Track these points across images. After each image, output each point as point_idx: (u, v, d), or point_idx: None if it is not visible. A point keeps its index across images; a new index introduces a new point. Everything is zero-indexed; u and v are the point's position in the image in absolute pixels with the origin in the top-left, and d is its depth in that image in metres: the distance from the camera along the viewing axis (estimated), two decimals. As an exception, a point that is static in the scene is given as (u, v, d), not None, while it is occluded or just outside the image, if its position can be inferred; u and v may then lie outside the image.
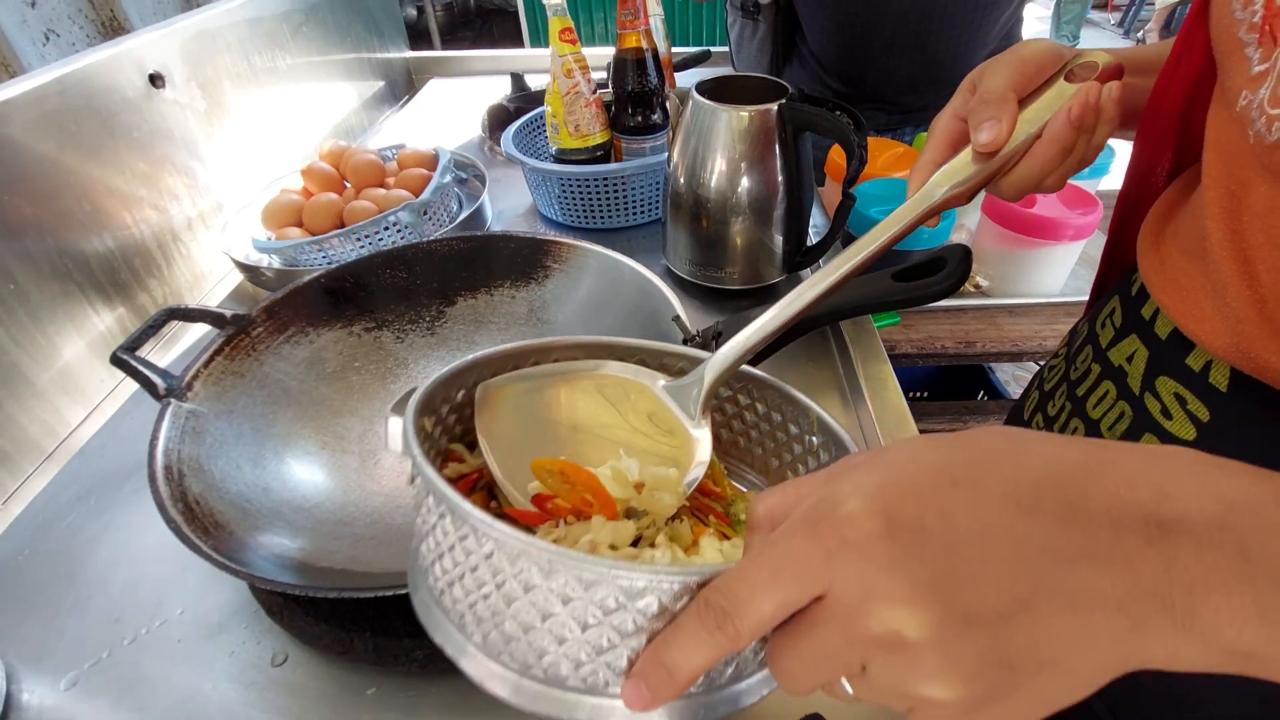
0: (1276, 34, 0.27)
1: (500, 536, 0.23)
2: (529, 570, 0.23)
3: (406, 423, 0.29)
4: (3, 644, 0.44)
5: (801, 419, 0.36)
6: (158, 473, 0.39)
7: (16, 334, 0.58)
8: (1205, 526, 0.18)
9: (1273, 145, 0.28)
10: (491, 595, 0.24)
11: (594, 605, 0.23)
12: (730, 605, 0.21)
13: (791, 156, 0.65)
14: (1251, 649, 0.18)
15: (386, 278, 0.58)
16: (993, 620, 0.19)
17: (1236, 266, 0.31)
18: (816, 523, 0.21)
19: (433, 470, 0.26)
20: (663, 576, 0.22)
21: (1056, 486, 0.19)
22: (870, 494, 0.20)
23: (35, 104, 0.60)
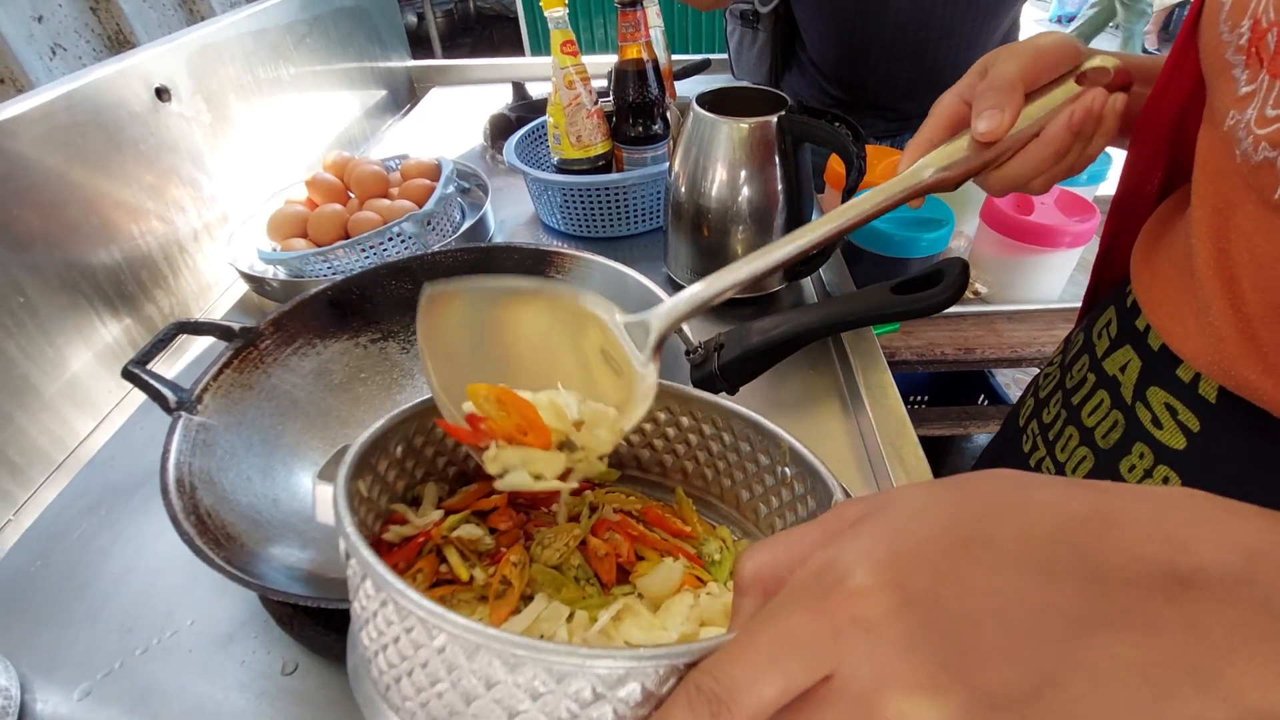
0: (1263, 56, 0.28)
1: (453, 630, 0.20)
2: (490, 664, 0.20)
3: (338, 491, 0.26)
4: (16, 654, 0.44)
5: (772, 448, 0.34)
6: (170, 486, 0.40)
7: (26, 346, 0.59)
8: (1224, 580, 0.18)
9: (1258, 165, 0.29)
10: (446, 693, 0.21)
11: (568, 699, 0.20)
12: (725, 692, 0.19)
13: (791, 167, 0.66)
14: (1276, 709, 0.17)
15: (392, 289, 0.59)
16: (1019, 702, 0.17)
17: (1221, 285, 0.32)
18: (822, 596, 0.19)
19: (370, 553, 0.22)
20: (646, 662, 0.20)
21: (1071, 543, 0.18)
22: (879, 563, 0.19)
23: (44, 119, 0.61)
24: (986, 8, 0.90)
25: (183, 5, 0.96)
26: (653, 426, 0.38)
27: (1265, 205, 0.29)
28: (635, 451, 0.39)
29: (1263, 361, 0.31)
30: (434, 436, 0.34)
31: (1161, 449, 0.38)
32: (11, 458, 0.58)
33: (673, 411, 0.37)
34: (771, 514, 0.35)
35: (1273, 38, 0.27)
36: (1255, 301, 0.30)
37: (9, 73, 0.72)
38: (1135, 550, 0.18)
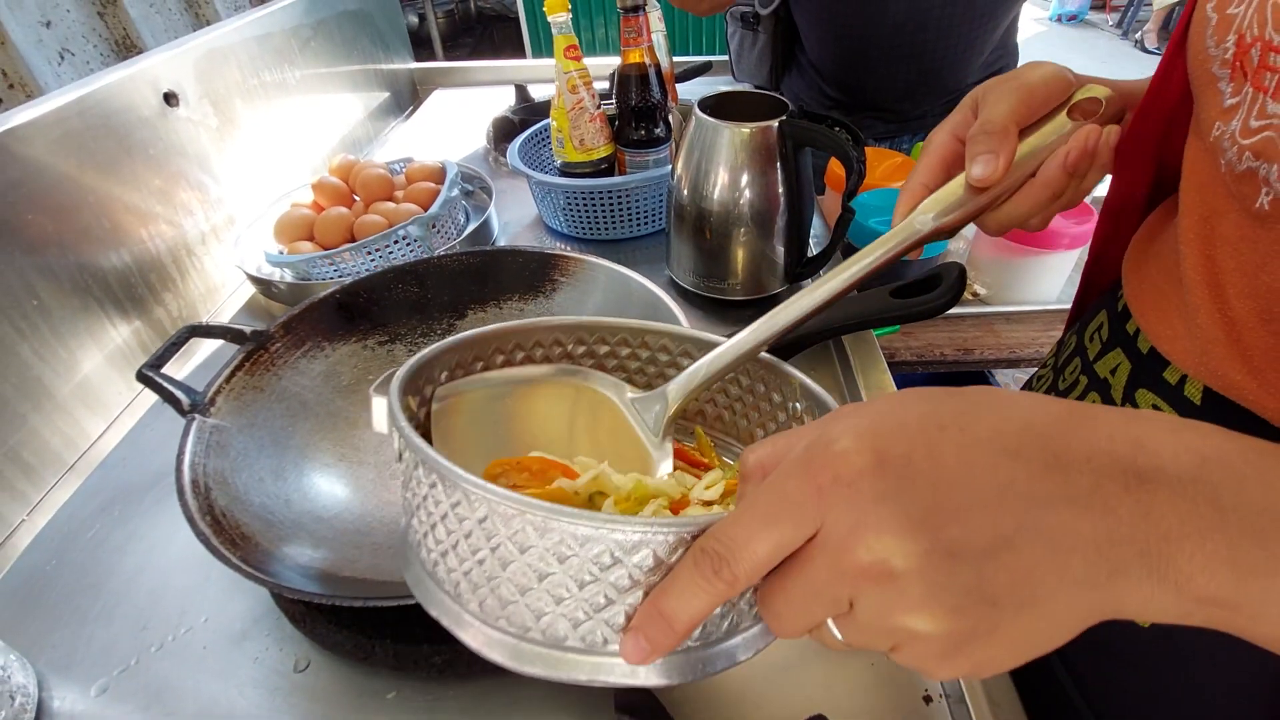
0: (1247, 69, 0.29)
1: (494, 498, 0.23)
2: (524, 530, 0.23)
3: (391, 398, 0.29)
4: (34, 651, 0.45)
5: (784, 386, 0.36)
6: (186, 487, 0.41)
7: (39, 348, 0.60)
8: (1180, 478, 0.19)
9: (1242, 174, 0.30)
10: (486, 560, 0.24)
11: (590, 562, 0.23)
12: (726, 550, 0.21)
13: (792, 171, 0.67)
14: (1222, 596, 0.19)
15: (399, 292, 0.60)
16: (977, 555, 0.19)
17: (1208, 291, 0.33)
18: (809, 462, 0.21)
19: (420, 439, 0.25)
20: (657, 529, 0.22)
21: (1040, 435, 0.20)
22: (860, 434, 0.21)
23: (56, 125, 0.62)
24: (984, 9, 0.91)
25: (188, 10, 0.97)
26: (675, 370, 0.40)
27: (1248, 214, 0.30)
28: None
29: (1247, 363, 0.31)
30: (472, 370, 0.36)
31: None
32: (26, 459, 0.59)
33: (692, 355, 0.39)
34: None
35: (1256, 52, 0.28)
36: (1240, 307, 0.31)
37: (18, 78, 0.73)
38: (1099, 445, 0.20)
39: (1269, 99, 0.28)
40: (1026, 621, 0.20)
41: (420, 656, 0.41)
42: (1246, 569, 0.18)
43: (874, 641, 0.22)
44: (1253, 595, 0.18)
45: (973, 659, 0.20)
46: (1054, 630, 0.20)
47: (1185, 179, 0.35)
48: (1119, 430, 0.20)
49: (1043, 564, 0.19)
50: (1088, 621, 0.20)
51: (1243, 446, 0.20)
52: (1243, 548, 0.18)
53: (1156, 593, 0.19)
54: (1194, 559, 0.19)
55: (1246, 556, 0.18)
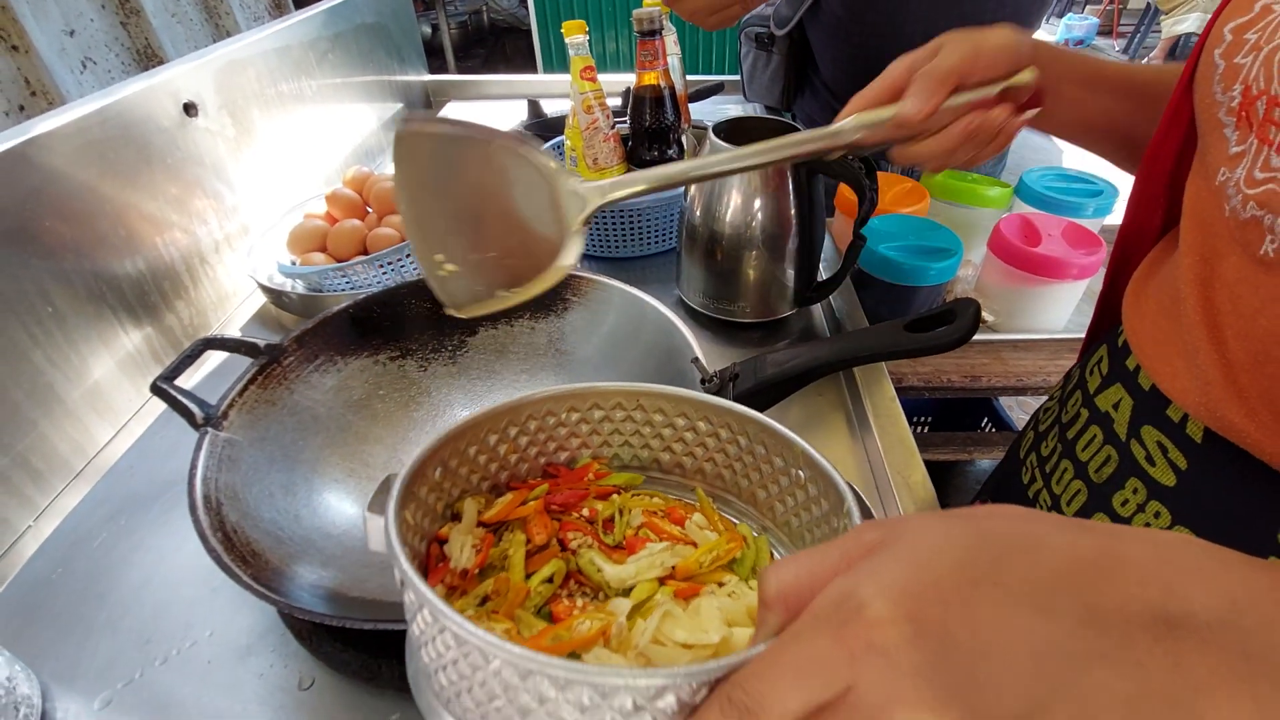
0: (1253, 121, 0.29)
1: (507, 656, 0.23)
2: (542, 684, 0.23)
3: (389, 525, 0.28)
4: (38, 662, 0.45)
5: (786, 452, 0.36)
6: (198, 503, 0.41)
7: (52, 354, 0.60)
8: (1210, 625, 0.19)
9: (1246, 221, 0.30)
10: (504, 707, 0.24)
11: (613, 710, 0.23)
12: (754, 703, 0.21)
13: (804, 196, 0.67)
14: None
15: (412, 307, 0.60)
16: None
17: (1207, 331, 0.33)
18: (841, 625, 0.21)
19: (425, 586, 0.25)
20: (682, 677, 0.22)
21: (1073, 585, 0.20)
22: (895, 597, 0.21)
23: (78, 134, 0.63)
24: (997, 40, 0.92)
25: (209, 20, 0.98)
26: (672, 431, 0.40)
27: (1251, 259, 0.30)
28: (656, 455, 0.41)
29: (1245, 405, 0.32)
30: (466, 456, 0.36)
31: (1154, 485, 0.39)
32: (35, 464, 0.59)
33: (689, 417, 0.39)
34: (788, 512, 0.37)
35: (1262, 105, 0.29)
36: (1238, 349, 0.32)
37: (41, 86, 0.74)
38: (1130, 593, 0.20)
39: (1273, 152, 0.28)
40: None
41: (426, 678, 0.41)
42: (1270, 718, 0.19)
43: None
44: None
45: None
46: None
47: (1187, 217, 0.36)
48: (1150, 573, 0.20)
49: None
50: None
51: (1272, 584, 0.20)
52: (1269, 699, 0.19)
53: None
54: (1222, 710, 0.19)
55: (1273, 708, 0.19)
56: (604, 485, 0.39)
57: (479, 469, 0.37)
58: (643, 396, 0.39)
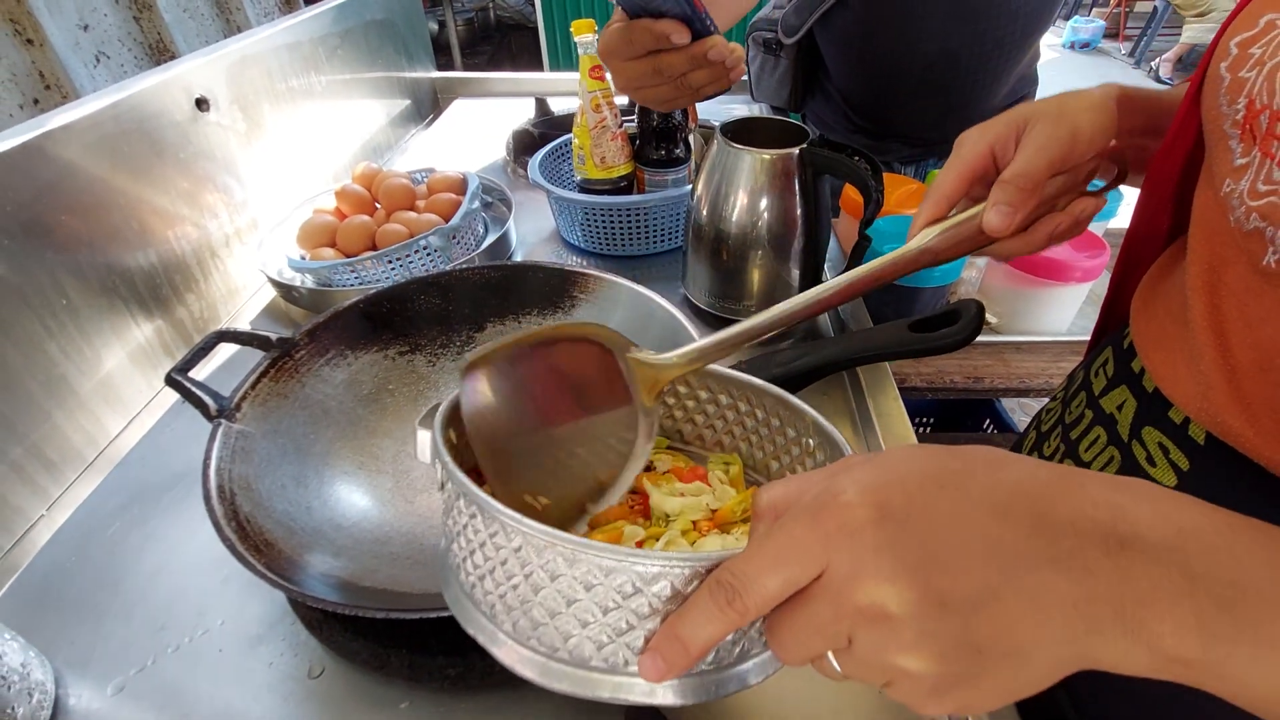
0: (1256, 134, 0.30)
1: (528, 531, 0.26)
2: (554, 560, 0.25)
3: (435, 434, 0.31)
4: (51, 649, 0.46)
5: (798, 422, 0.38)
6: (212, 493, 0.42)
7: (66, 346, 0.61)
8: (1157, 546, 0.21)
9: (1249, 232, 0.31)
10: (520, 585, 0.27)
11: (614, 590, 0.25)
12: (740, 584, 0.23)
13: (810, 196, 0.68)
14: (1189, 657, 0.20)
15: (421, 303, 0.61)
16: (965, 606, 0.21)
17: (1213, 337, 0.34)
18: (817, 511, 0.23)
19: (462, 474, 0.28)
20: (675, 563, 0.25)
21: (1029, 498, 0.22)
22: (865, 488, 0.23)
23: (92, 128, 0.63)
24: (1011, 47, 0.93)
25: (220, 15, 0.98)
26: (695, 403, 0.42)
27: (1254, 269, 0.31)
28: (679, 426, 0.43)
29: (1246, 411, 0.32)
30: None
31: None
32: (48, 455, 0.59)
33: (712, 390, 0.41)
34: None
35: (1265, 119, 0.29)
36: (1242, 357, 0.32)
37: (55, 80, 0.74)
38: (1083, 511, 0.22)
39: (1275, 166, 0.29)
40: (1008, 669, 0.21)
41: (434, 668, 0.42)
42: (1212, 634, 0.20)
43: (869, 676, 0.23)
44: (1218, 657, 0.20)
45: (958, 699, 0.22)
46: (1034, 677, 0.22)
47: (1194, 225, 0.36)
48: (1103, 497, 0.22)
49: (1025, 618, 0.21)
50: (1066, 671, 0.21)
51: (1217, 521, 0.22)
52: (1210, 615, 0.20)
53: (1130, 649, 0.21)
54: (1165, 621, 0.20)
55: (1213, 623, 0.20)
56: None
57: None
58: None
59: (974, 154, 0.39)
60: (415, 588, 0.43)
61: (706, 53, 0.53)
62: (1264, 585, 0.20)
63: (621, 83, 0.59)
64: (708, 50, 0.53)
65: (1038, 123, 0.38)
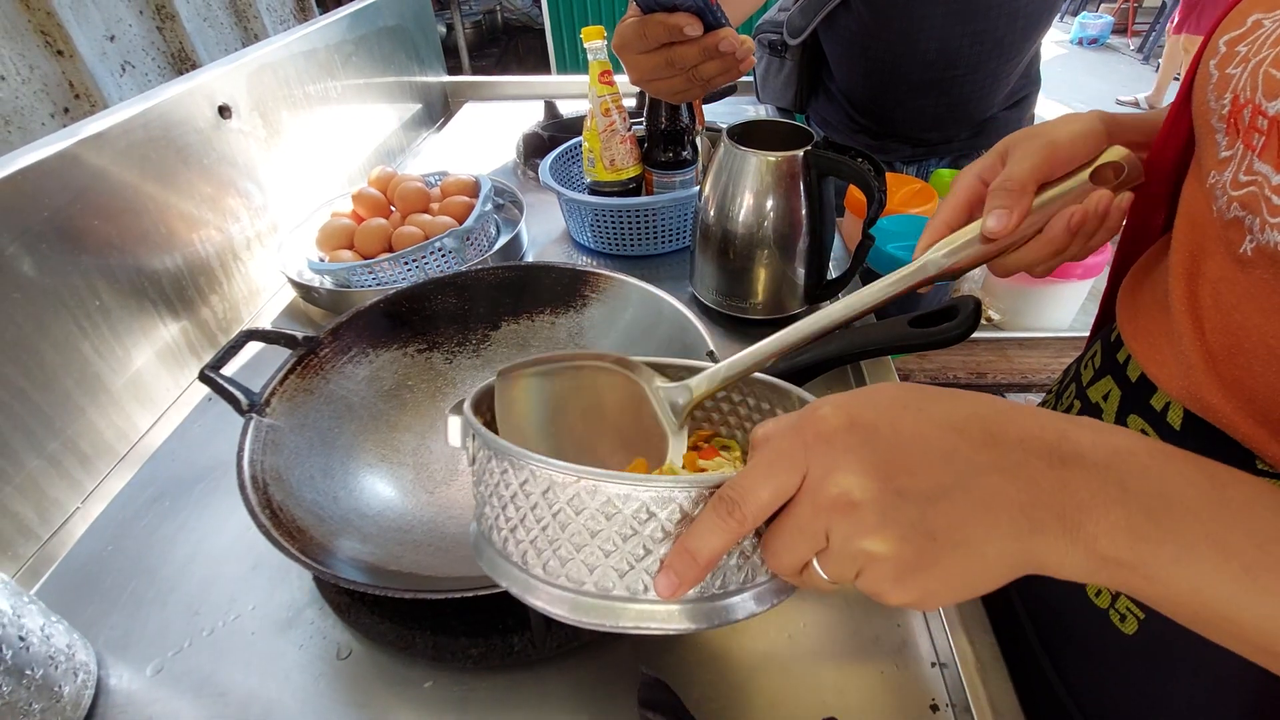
0: (1240, 127, 0.32)
1: (554, 471, 0.29)
2: (579, 495, 0.28)
3: (466, 413, 0.35)
4: (93, 632, 0.48)
5: (786, 402, 0.41)
6: (246, 482, 0.44)
7: (99, 345, 0.64)
8: (1096, 464, 0.24)
9: (1230, 222, 0.32)
10: (549, 525, 0.29)
11: (630, 517, 0.28)
12: (739, 495, 0.27)
13: (815, 197, 0.70)
14: (1121, 558, 0.23)
15: (439, 303, 0.63)
16: (921, 498, 0.24)
17: (1190, 320, 0.36)
18: (799, 426, 0.27)
19: (490, 433, 0.31)
20: (682, 485, 0.28)
21: (982, 418, 0.26)
22: (839, 405, 0.27)
23: (122, 136, 0.66)
24: (1011, 47, 0.94)
25: (238, 24, 1.01)
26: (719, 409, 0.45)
27: (1233, 258, 0.33)
28: None
29: (1223, 389, 0.34)
30: None
31: None
32: (83, 449, 0.62)
33: None
34: None
35: (1248, 113, 0.31)
36: (1216, 342, 0.34)
37: (84, 89, 0.77)
38: (1030, 431, 0.25)
39: (1256, 158, 0.31)
40: (960, 560, 0.25)
41: (457, 648, 0.44)
42: (1140, 536, 0.23)
43: (844, 568, 0.27)
44: (1144, 558, 0.23)
45: (919, 587, 0.25)
46: (985, 572, 0.25)
47: (1180, 216, 0.38)
48: (1049, 422, 0.25)
49: (975, 514, 0.24)
50: (1014, 571, 0.25)
51: (1150, 447, 0.25)
52: (1139, 520, 0.23)
53: (1069, 551, 0.24)
54: (1100, 524, 0.23)
55: (1141, 526, 0.23)
56: None
57: None
58: (668, 368, 0.44)
59: (965, 185, 0.41)
60: (438, 571, 0.45)
61: (718, 44, 0.55)
62: (1188, 497, 0.23)
63: (635, 76, 0.61)
64: (719, 42, 0.55)
65: (1019, 143, 0.40)
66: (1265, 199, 0.30)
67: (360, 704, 0.44)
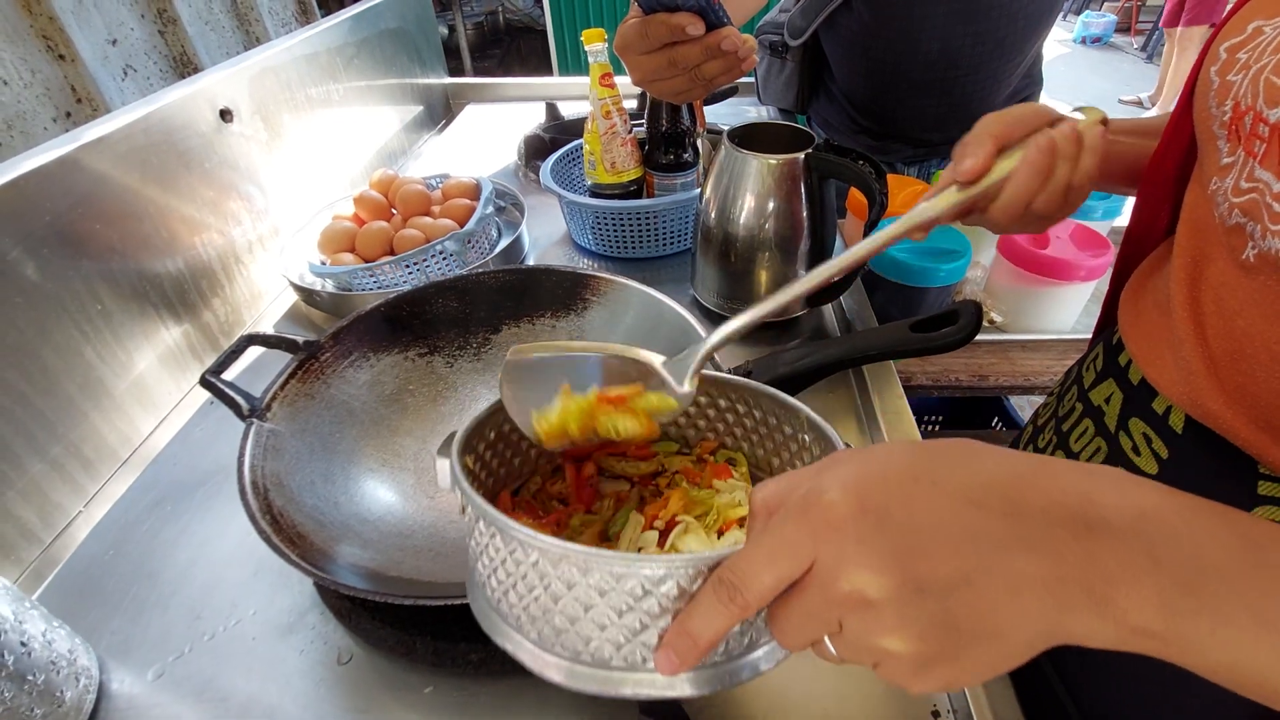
0: (1240, 134, 0.32)
1: (543, 546, 0.27)
2: (569, 571, 0.27)
3: (453, 460, 0.33)
4: (94, 636, 0.49)
5: (793, 420, 0.40)
6: (247, 488, 0.44)
7: (101, 350, 0.64)
8: (1122, 530, 0.22)
9: (1232, 228, 0.32)
10: (541, 596, 0.28)
11: (625, 594, 0.27)
12: (739, 581, 0.25)
13: (816, 199, 0.69)
14: (1152, 630, 0.22)
15: (439, 306, 0.63)
16: (942, 590, 0.23)
17: (1192, 326, 0.36)
18: (805, 510, 0.25)
19: (480, 498, 0.30)
20: (679, 565, 0.27)
21: (1001, 488, 0.24)
22: (846, 485, 0.25)
23: (124, 140, 0.66)
24: (1012, 48, 0.94)
25: (240, 27, 1.01)
26: (696, 409, 0.44)
27: (1235, 263, 0.33)
28: (683, 431, 0.46)
29: (1225, 395, 0.34)
30: None
31: (1138, 474, 0.41)
32: (85, 453, 0.62)
33: (711, 395, 0.43)
34: None
35: (1249, 120, 0.31)
36: (1218, 346, 0.34)
37: (86, 93, 0.77)
38: (1053, 498, 0.23)
39: (1257, 164, 0.31)
40: (985, 648, 0.23)
41: (458, 654, 0.44)
42: (1172, 609, 0.22)
43: (859, 657, 0.25)
44: (1179, 631, 0.22)
45: (942, 677, 0.24)
46: (1010, 654, 0.23)
47: (1183, 221, 0.38)
48: (1071, 485, 0.23)
49: (999, 600, 0.22)
50: (1039, 647, 0.23)
51: (1178, 504, 0.23)
52: (1170, 592, 0.22)
53: (1097, 624, 0.22)
54: (1130, 598, 0.22)
55: (1173, 600, 0.22)
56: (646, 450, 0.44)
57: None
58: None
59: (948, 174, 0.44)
60: (439, 577, 0.45)
61: (720, 43, 0.55)
62: (1222, 564, 0.22)
63: (637, 76, 0.61)
64: (721, 41, 0.55)
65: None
66: (1267, 206, 0.30)
67: (361, 709, 0.44)
